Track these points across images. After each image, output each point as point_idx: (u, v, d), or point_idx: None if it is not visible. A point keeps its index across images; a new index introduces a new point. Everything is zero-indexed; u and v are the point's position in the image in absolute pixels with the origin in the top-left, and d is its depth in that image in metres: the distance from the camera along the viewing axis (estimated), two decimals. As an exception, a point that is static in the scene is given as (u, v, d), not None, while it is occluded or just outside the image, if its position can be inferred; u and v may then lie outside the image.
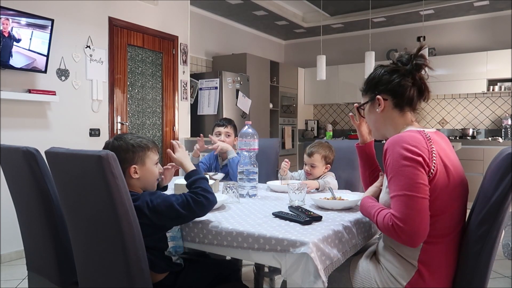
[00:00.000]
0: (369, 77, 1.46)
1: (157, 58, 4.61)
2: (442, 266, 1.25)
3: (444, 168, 1.23)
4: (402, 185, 1.19)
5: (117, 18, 4.07)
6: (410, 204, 1.17)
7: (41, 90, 3.39)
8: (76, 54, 3.71)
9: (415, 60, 1.37)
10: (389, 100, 1.39)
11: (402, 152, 1.21)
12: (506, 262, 3.09)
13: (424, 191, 1.18)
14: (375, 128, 1.49)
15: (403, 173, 1.19)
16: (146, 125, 4.49)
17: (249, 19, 6.17)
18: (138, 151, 1.45)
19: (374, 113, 1.44)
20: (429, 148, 1.22)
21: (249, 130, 1.94)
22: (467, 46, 6.01)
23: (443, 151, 1.27)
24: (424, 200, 1.18)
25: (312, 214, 1.42)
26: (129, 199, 1.25)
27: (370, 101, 1.44)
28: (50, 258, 1.60)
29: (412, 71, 1.37)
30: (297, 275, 1.19)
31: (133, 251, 1.25)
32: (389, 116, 1.41)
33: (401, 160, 1.20)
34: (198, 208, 1.36)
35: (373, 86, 1.43)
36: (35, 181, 1.54)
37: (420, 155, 1.19)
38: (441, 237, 1.24)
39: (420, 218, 1.17)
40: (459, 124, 6.12)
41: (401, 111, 1.39)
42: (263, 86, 6.02)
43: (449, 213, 1.24)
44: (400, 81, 1.37)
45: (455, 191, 1.25)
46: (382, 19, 6.14)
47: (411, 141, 1.22)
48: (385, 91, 1.39)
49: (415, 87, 1.38)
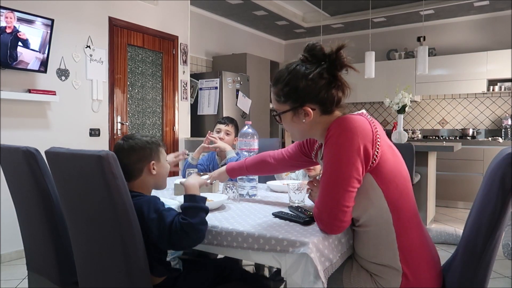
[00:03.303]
0: (289, 82, 1.29)
1: (157, 58, 4.61)
2: (422, 258, 1.24)
3: (391, 149, 1.24)
4: (330, 172, 1.20)
5: (117, 18, 4.07)
6: (332, 195, 1.19)
7: (41, 90, 3.39)
8: (76, 54, 3.71)
9: (336, 60, 1.26)
10: (317, 109, 1.29)
11: (343, 137, 1.18)
12: (506, 262, 3.09)
13: (351, 183, 1.18)
14: (301, 135, 1.40)
15: (336, 162, 1.18)
16: (146, 125, 4.49)
17: (249, 19, 6.17)
18: (153, 147, 1.46)
19: (298, 123, 1.33)
20: (373, 129, 1.21)
21: (249, 130, 1.94)
22: (467, 46, 6.01)
23: (383, 132, 1.27)
24: (349, 193, 1.19)
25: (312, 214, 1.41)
26: (129, 199, 1.25)
27: (293, 110, 1.31)
28: (50, 258, 1.60)
29: (335, 73, 1.27)
30: (297, 276, 1.19)
31: (133, 251, 1.25)
32: (317, 122, 1.31)
33: (339, 147, 1.18)
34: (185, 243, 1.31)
35: (297, 96, 1.28)
36: (35, 181, 1.54)
37: (362, 143, 1.17)
38: (409, 222, 1.24)
39: (341, 210, 1.19)
40: (459, 124, 6.12)
41: (329, 114, 1.31)
42: (263, 86, 6.02)
43: (409, 196, 1.26)
44: (328, 89, 1.26)
45: (404, 171, 1.27)
46: (382, 19, 6.14)
47: (355, 124, 1.18)
48: (313, 102, 1.28)
49: (340, 89, 1.29)
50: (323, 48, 1.28)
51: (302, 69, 1.28)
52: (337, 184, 1.19)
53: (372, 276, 1.28)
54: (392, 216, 1.22)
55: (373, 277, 1.27)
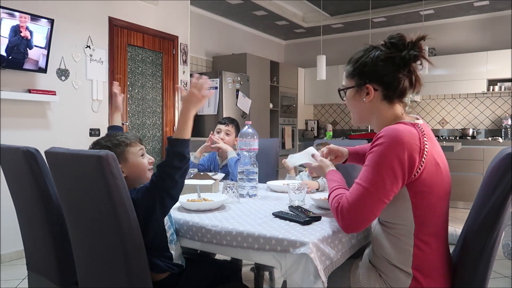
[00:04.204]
0: (360, 60, 1.31)
1: (157, 58, 4.61)
2: (436, 268, 1.23)
3: (435, 167, 1.20)
4: (371, 179, 1.16)
5: (117, 18, 4.07)
6: (366, 201, 1.17)
7: (41, 90, 3.39)
8: (76, 54, 3.71)
9: (412, 49, 1.25)
10: (380, 91, 1.29)
11: (392, 150, 1.15)
12: (506, 262, 3.09)
13: (388, 196, 1.17)
14: (359, 116, 1.39)
15: (380, 171, 1.15)
16: (146, 125, 4.49)
17: (249, 19, 6.17)
18: (116, 150, 1.41)
19: (359, 101, 1.33)
20: (421, 145, 1.17)
21: (249, 130, 1.94)
22: (467, 46, 6.01)
23: (435, 147, 1.24)
24: (382, 204, 1.17)
25: (312, 214, 1.42)
26: (129, 199, 1.25)
27: (357, 87, 1.33)
28: (50, 258, 1.60)
29: (408, 61, 1.26)
30: (297, 275, 1.19)
31: (133, 251, 1.25)
32: (377, 107, 1.31)
33: (387, 158, 1.15)
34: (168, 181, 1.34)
35: (363, 73, 1.30)
36: (35, 181, 1.54)
37: (408, 160, 1.15)
38: (431, 236, 1.22)
39: (366, 217, 1.18)
40: (459, 124, 6.12)
41: (390, 103, 1.30)
42: (263, 86, 6.02)
43: (438, 213, 1.23)
44: (395, 73, 1.26)
45: (443, 190, 1.24)
46: (382, 19, 6.14)
47: (406, 139, 1.16)
48: (377, 82, 1.28)
49: (408, 79, 1.28)
50: (404, 37, 1.27)
51: (377, 52, 1.28)
52: (375, 193, 1.16)
53: (381, 276, 1.28)
54: (415, 228, 1.21)
55: (382, 277, 1.27)
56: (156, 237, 1.40)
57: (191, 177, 2.21)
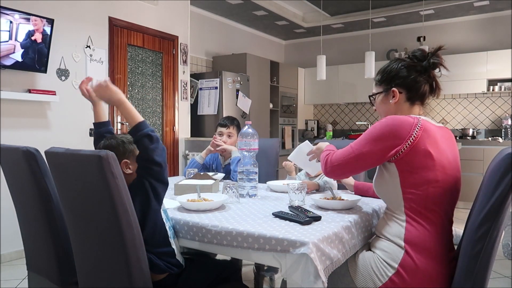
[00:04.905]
0: (386, 69, 1.55)
1: (157, 58, 4.61)
2: (429, 249, 1.31)
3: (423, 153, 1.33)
4: (358, 144, 1.41)
5: (117, 18, 4.07)
6: (349, 158, 1.41)
7: (41, 90, 3.39)
8: (76, 54, 3.71)
9: (432, 58, 1.47)
10: (404, 93, 1.50)
11: (382, 128, 1.37)
12: (506, 262, 3.09)
13: (366, 160, 1.39)
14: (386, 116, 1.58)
15: (367, 140, 1.39)
16: (146, 125, 4.49)
17: (249, 19, 6.17)
18: (128, 145, 1.49)
19: (386, 104, 1.54)
20: (410, 132, 1.33)
21: (249, 130, 1.95)
22: (467, 46, 6.01)
23: (434, 142, 1.35)
24: (360, 165, 1.41)
25: (312, 214, 1.42)
26: (129, 199, 1.25)
27: (385, 92, 1.54)
28: (50, 258, 1.60)
29: (428, 69, 1.48)
30: (297, 275, 1.19)
31: (133, 251, 1.25)
32: (400, 108, 1.52)
33: (375, 132, 1.38)
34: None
35: (389, 79, 1.52)
36: (35, 181, 1.54)
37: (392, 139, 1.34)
38: (423, 218, 1.33)
39: (345, 171, 1.46)
40: (459, 124, 6.12)
41: (411, 104, 1.51)
42: (263, 86, 6.02)
43: (430, 198, 1.33)
44: (416, 77, 1.48)
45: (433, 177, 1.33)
46: (382, 19, 6.14)
47: (397, 123, 1.36)
48: (401, 85, 1.50)
49: (428, 84, 1.50)
50: (425, 51, 1.52)
51: (402, 62, 1.52)
52: (357, 155, 1.40)
53: (374, 253, 1.39)
54: (405, 204, 1.36)
55: (375, 253, 1.39)
56: (156, 231, 1.41)
57: (191, 177, 2.21)
